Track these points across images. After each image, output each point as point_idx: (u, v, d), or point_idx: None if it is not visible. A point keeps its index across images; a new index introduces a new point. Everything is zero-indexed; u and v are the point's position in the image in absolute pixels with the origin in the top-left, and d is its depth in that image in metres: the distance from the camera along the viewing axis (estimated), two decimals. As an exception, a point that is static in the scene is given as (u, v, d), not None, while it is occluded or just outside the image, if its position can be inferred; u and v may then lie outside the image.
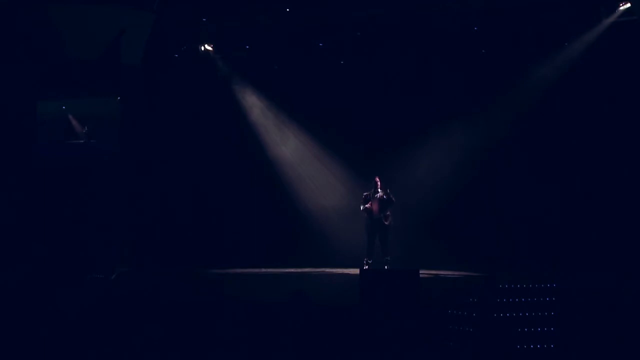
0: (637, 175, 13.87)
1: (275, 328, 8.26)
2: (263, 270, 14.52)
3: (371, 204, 13.81)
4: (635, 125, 14.03)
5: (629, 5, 13.55)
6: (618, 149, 14.11)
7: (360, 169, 15.48)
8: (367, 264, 13.84)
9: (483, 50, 15.02)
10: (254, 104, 16.44)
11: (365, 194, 13.99)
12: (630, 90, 14.03)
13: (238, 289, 11.50)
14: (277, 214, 16.13)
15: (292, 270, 14.49)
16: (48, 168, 14.69)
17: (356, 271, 10.52)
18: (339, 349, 8.12)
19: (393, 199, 13.76)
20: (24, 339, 8.19)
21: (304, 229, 15.84)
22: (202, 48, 15.79)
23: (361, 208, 13.91)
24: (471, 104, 15.08)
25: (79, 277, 11.31)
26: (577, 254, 13.62)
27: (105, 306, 8.90)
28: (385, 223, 13.80)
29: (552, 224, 14.28)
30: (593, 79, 14.15)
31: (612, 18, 13.85)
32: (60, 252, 13.63)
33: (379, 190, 13.84)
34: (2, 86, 13.90)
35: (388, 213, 13.87)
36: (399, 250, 14.12)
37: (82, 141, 15.08)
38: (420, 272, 9.37)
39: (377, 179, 13.97)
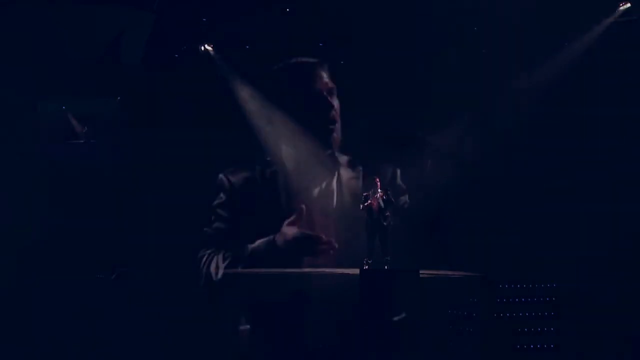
0: (637, 176, 13.88)
1: (275, 328, 8.27)
2: (263, 270, 14.49)
3: (371, 203, 13.80)
4: (635, 125, 14.04)
5: (629, 5, 13.56)
6: (618, 149, 14.11)
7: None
8: (367, 264, 13.82)
9: (483, 50, 15.04)
10: (252, 103, 16.41)
11: (365, 194, 13.97)
12: (630, 91, 14.04)
13: (238, 289, 11.50)
14: (277, 214, 16.10)
15: (292, 270, 14.47)
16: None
17: (356, 271, 10.51)
18: (339, 349, 8.12)
19: (393, 199, 13.73)
20: (24, 339, 8.20)
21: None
22: (202, 48, 15.80)
23: (360, 207, 13.87)
24: (471, 103, 15.09)
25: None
26: (577, 254, 13.61)
27: (105, 306, 8.91)
28: (384, 224, 13.77)
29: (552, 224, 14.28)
30: (593, 79, 14.15)
31: (612, 18, 13.86)
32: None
33: (379, 190, 13.82)
34: (2, 86, 13.91)
35: (387, 214, 13.84)
36: (399, 250, 14.10)
37: (82, 141, 15.07)
38: (420, 272, 9.37)
39: (377, 179, 13.94)
